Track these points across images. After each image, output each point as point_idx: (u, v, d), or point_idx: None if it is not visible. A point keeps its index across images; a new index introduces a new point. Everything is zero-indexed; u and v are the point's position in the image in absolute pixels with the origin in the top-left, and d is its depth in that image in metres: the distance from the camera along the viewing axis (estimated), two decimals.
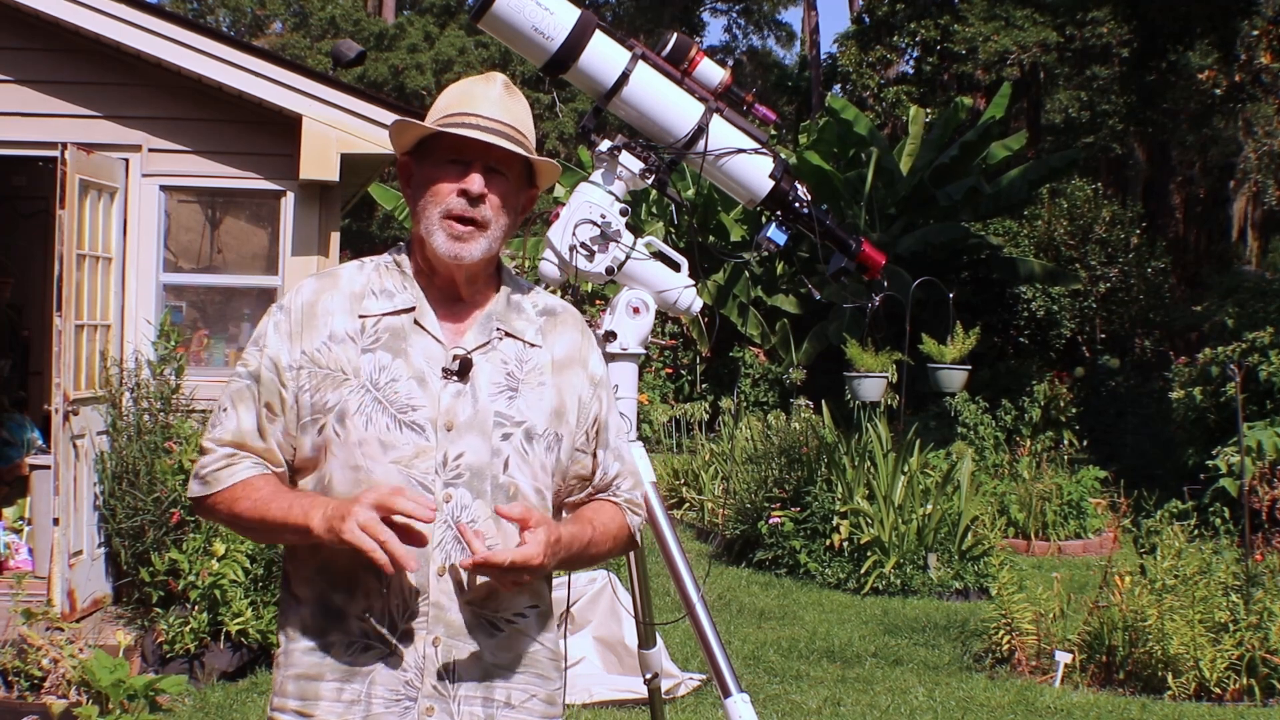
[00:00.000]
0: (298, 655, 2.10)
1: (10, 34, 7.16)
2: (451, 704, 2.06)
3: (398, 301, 2.13)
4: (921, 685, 6.39)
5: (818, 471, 9.05)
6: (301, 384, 2.09)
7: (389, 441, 2.05)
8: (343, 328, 2.11)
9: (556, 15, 3.05)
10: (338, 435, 2.06)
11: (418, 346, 2.11)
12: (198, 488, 2.14)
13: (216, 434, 2.13)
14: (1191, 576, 6.45)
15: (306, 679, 2.08)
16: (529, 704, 2.13)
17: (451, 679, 2.06)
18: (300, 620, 2.11)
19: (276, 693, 2.13)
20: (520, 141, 2.14)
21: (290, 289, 2.21)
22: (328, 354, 2.10)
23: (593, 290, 11.53)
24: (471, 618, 2.07)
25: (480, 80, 2.20)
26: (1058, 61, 24.21)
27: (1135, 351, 20.45)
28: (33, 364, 9.32)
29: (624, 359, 3.18)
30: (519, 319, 2.19)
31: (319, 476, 2.09)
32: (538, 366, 2.17)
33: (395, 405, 2.07)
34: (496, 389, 2.11)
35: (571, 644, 5.96)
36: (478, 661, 2.08)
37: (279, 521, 2.04)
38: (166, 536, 6.31)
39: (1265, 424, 9.75)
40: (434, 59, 32.37)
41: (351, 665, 2.06)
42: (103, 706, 5.03)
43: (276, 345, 2.12)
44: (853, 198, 16.60)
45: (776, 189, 3.26)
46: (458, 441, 2.07)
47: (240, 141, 7.38)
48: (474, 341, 2.13)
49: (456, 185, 2.10)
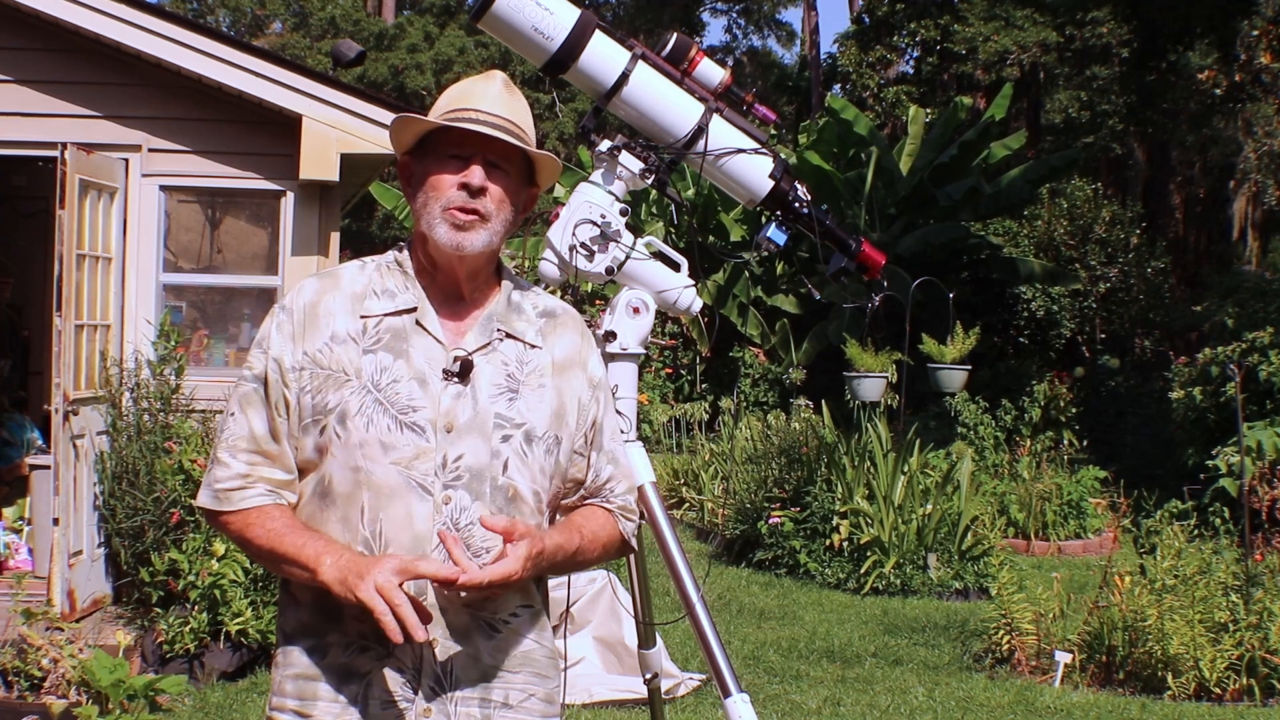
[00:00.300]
0: (296, 655, 2.10)
1: (10, 34, 7.16)
2: (449, 705, 2.06)
3: (399, 302, 2.13)
4: (921, 685, 6.39)
5: (818, 471, 9.05)
6: (304, 385, 2.09)
7: (389, 442, 2.05)
8: (344, 328, 2.11)
9: (556, 15, 3.05)
10: (338, 436, 2.06)
11: (419, 347, 2.10)
12: (208, 500, 2.13)
13: (230, 441, 2.11)
14: (1191, 576, 6.45)
15: (305, 679, 2.08)
16: (527, 703, 2.14)
17: (449, 680, 2.07)
18: (298, 620, 2.11)
19: (275, 692, 2.13)
20: (520, 137, 2.15)
21: (291, 289, 2.20)
22: (329, 355, 2.10)
23: (593, 290, 11.53)
24: (470, 620, 2.08)
25: (480, 78, 2.21)
26: (1058, 61, 24.22)
27: (1135, 351, 20.45)
28: (33, 364, 9.33)
29: (624, 359, 3.18)
30: (519, 320, 2.19)
31: (319, 477, 2.09)
32: (538, 368, 2.17)
33: (396, 406, 2.06)
34: (497, 390, 2.11)
35: (571, 644, 5.97)
36: (475, 663, 2.08)
37: (289, 556, 2.04)
38: (166, 536, 6.31)
39: (1265, 424, 9.75)
40: (434, 59, 32.38)
41: (349, 666, 2.06)
42: (103, 706, 5.03)
43: (280, 346, 2.12)
44: (853, 198, 16.60)
45: (776, 189, 3.26)
46: (458, 443, 2.07)
47: (240, 141, 7.38)
48: (475, 343, 2.13)
49: (457, 179, 2.10)
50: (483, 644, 2.08)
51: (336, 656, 2.07)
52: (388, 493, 2.05)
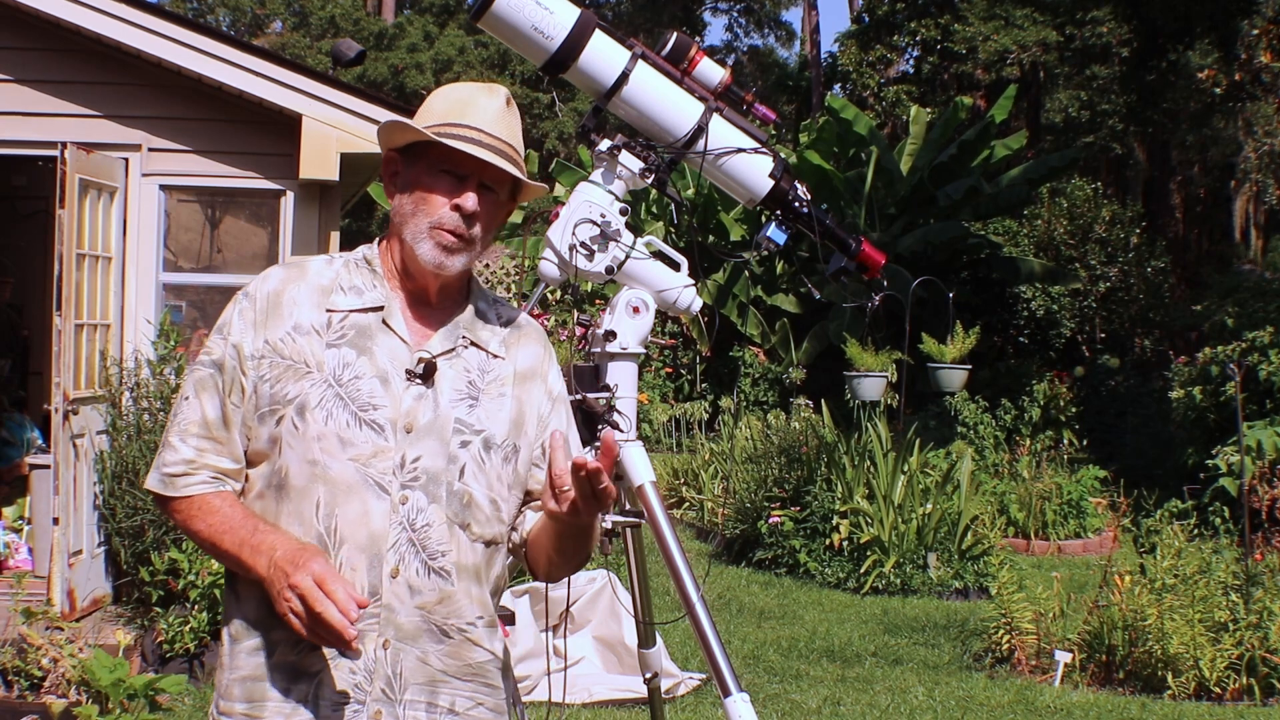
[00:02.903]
0: (242, 657, 2.07)
1: (10, 34, 7.16)
2: (398, 708, 2.04)
3: (366, 299, 2.12)
4: (921, 685, 6.39)
5: (818, 471, 9.05)
6: (262, 373, 2.07)
7: (348, 438, 2.03)
8: (308, 320, 2.09)
9: (556, 15, 3.04)
10: (296, 428, 2.03)
11: (383, 346, 2.09)
12: (156, 484, 2.10)
13: (181, 426, 2.09)
14: (1191, 576, 6.45)
15: (252, 680, 2.05)
16: (473, 711, 2.11)
17: (399, 683, 2.04)
18: (243, 617, 2.07)
19: (222, 696, 2.09)
20: (516, 162, 2.13)
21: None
22: (291, 345, 2.07)
23: (593, 290, 11.53)
24: (421, 622, 2.05)
25: (482, 91, 2.18)
26: (1058, 61, 24.23)
27: (1135, 351, 20.45)
28: (33, 364, 9.33)
29: (624, 358, 3.18)
30: (484, 329, 2.18)
31: (272, 468, 2.06)
32: (499, 377, 2.16)
33: (356, 402, 2.05)
34: (458, 396, 2.10)
35: (571, 644, 5.98)
36: (423, 666, 2.06)
37: (230, 554, 2.02)
38: (166, 536, 6.31)
39: (1265, 423, 9.75)
40: (434, 59, 32.37)
41: (298, 665, 2.03)
42: (102, 706, 5.02)
43: (240, 332, 2.10)
44: (853, 197, 16.61)
45: (776, 188, 3.25)
46: (416, 444, 2.05)
47: (240, 141, 7.38)
48: (439, 346, 2.11)
49: (450, 199, 2.08)
50: (432, 648, 2.06)
51: (285, 655, 2.03)
52: (344, 488, 2.02)
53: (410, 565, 2.03)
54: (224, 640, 2.12)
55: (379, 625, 2.02)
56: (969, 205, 16.57)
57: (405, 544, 2.03)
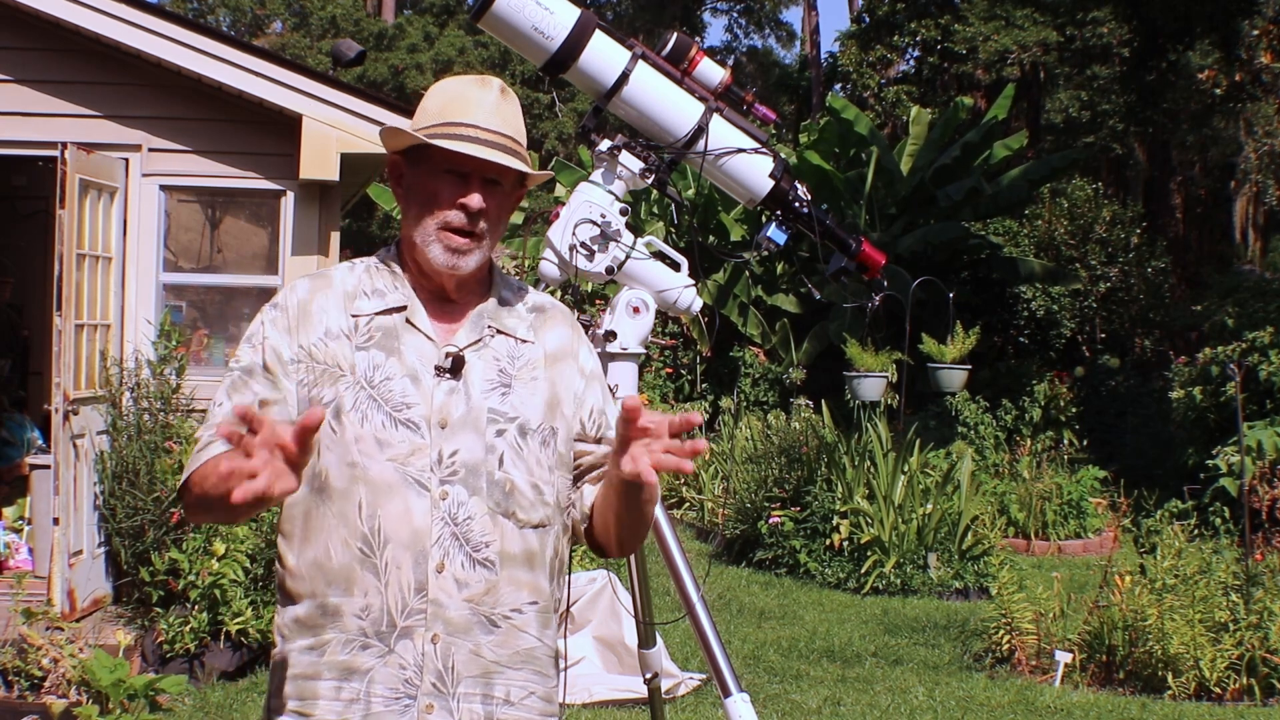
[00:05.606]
0: (294, 656, 2.08)
1: (10, 34, 7.16)
2: (451, 701, 2.05)
3: (389, 300, 2.14)
4: (921, 685, 6.39)
5: (818, 471, 9.05)
6: (300, 378, 2.09)
7: (385, 439, 2.05)
8: (337, 325, 2.11)
9: (556, 15, 3.05)
10: (334, 431, 2.05)
11: (410, 345, 2.11)
12: (183, 478, 2.11)
13: (212, 425, 2.09)
14: (1191, 576, 6.45)
15: (304, 679, 2.07)
16: (527, 701, 2.12)
17: (451, 676, 2.06)
18: (295, 620, 2.09)
19: (273, 694, 2.11)
20: (518, 153, 2.13)
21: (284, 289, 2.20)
22: (324, 349, 2.09)
23: (593, 290, 11.53)
24: (470, 614, 2.06)
25: (475, 84, 2.17)
26: (1058, 61, 24.22)
27: (1135, 351, 20.44)
28: (33, 364, 9.33)
29: (624, 359, 3.18)
30: (510, 316, 2.19)
31: (312, 471, 2.06)
32: (530, 362, 2.17)
33: (390, 403, 2.06)
34: (489, 385, 2.11)
35: (571, 644, 5.96)
36: (477, 658, 2.07)
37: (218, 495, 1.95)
38: (166, 536, 6.31)
39: (1265, 424, 9.75)
40: (434, 59, 32.36)
41: (349, 664, 2.04)
42: (103, 706, 5.02)
43: (276, 338, 2.11)
44: (853, 198, 16.60)
45: (776, 188, 3.26)
46: (452, 439, 2.07)
47: (240, 141, 7.38)
48: (466, 339, 2.13)
49: (454, 198, 2.09)
50: (483, 639, 2.07)
51: (335, 654, 2.05)
52: (385, 489, 2.04)
53: (455, 559, 2.05)
54: (276, 642, 2.13)
55: (426, 620, 2.03)
56: (969, 205, 16.55)
57: (449, 538, 2.04)
